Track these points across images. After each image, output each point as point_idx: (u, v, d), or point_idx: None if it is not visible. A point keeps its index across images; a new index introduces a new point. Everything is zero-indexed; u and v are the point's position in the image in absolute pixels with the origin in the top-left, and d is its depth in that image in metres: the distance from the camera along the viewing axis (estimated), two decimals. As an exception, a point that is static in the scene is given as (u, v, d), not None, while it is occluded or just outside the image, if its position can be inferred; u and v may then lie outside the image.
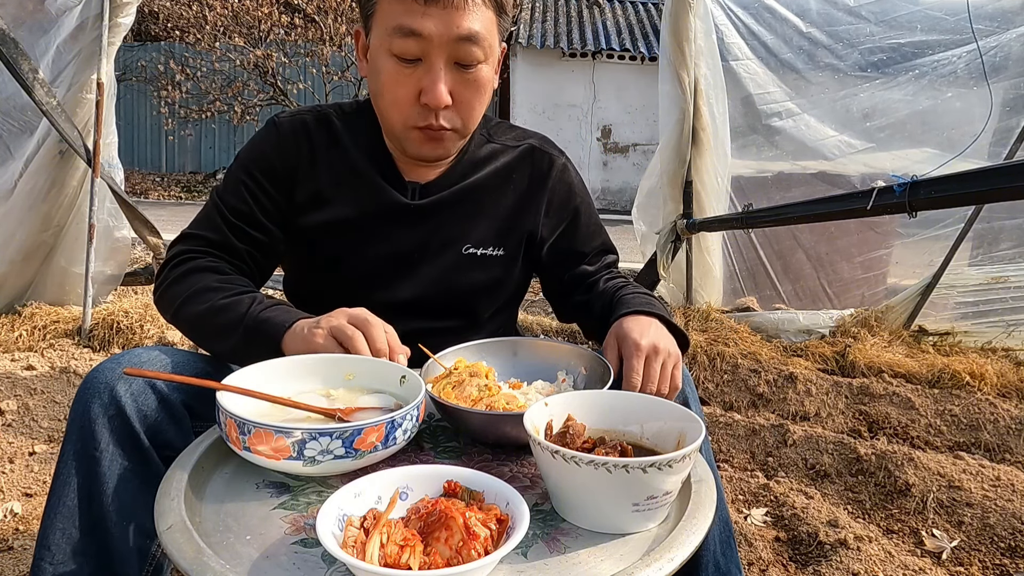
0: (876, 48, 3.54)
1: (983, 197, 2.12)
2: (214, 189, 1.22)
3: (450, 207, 1.20)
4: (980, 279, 3.46)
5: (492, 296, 1.26)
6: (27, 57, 2.83)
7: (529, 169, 1.26)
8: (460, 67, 1.05)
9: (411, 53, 1.03)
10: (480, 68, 1.07)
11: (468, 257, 1.22)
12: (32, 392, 2.51)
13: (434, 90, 1.04)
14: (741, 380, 2.96)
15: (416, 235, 1.19)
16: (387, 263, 1.19)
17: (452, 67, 1.05)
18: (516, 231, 1.26)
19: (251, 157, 1.19)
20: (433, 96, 1.04)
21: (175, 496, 0.73)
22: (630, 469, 0.66)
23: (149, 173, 13.49)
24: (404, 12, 1.01)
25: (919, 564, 1.69)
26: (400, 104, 1.07)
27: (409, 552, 0.60)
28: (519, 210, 1.25)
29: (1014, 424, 2.49)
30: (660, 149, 3.81)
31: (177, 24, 11.74)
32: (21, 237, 3.22)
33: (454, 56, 1.04)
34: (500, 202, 1.24)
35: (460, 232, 1.21)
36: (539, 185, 1.26)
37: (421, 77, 1.04)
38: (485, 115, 1.22)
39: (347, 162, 1.18)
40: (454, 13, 1.01)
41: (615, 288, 1.20)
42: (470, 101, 1.09)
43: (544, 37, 11.95)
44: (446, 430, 0.95)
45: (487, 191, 1.23)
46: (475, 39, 1.03)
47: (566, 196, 1.29)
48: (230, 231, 1.16)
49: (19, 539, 1.72)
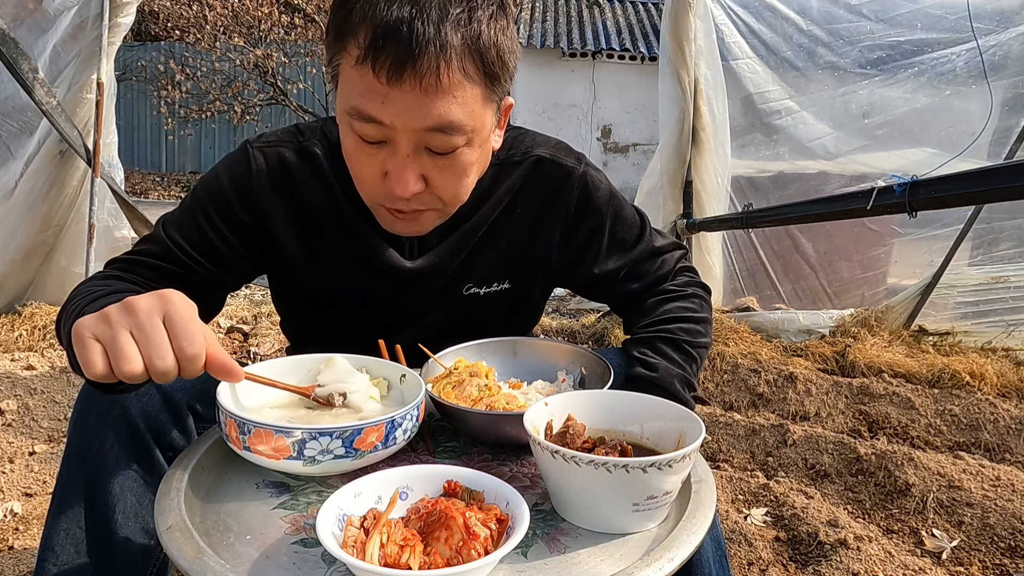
0: (876, 46, 3.54)
1: (983, 197, 2.12)
2: (162, 221, 1.05)
3: (451, 255, 1.08)
4: (980, 279, 3.46)
5: (498, 331, 1.13)
6: (27, 57, 2.83)
7: (539, 187, 1.09)
8: (433, 153, 0.88)
9: (372, 137, 0.87)
10: (459, 153, 0.89)
11: (470, 298, 1.11)
12: (32, 392, 2.51)
13: (399, 179, 0.87)
14: (741, 380, 2.96)
15: (415, 292, 1.09)
16: (384, 320, 1.11)
17: (423, 152, 0.87)
18: (526, 260, 1.12)
19: (213, 198, 1.02)
20: (398, 185, 0.88)
21: (175, 496, 0.73)
22: (630, 469, 0.66)
23: (149, 173, 13.50)
24: (363, 92, 0.83)
25: (919, 564, 1.69)
26: (365, 183, 0.93)
27: (409, 552, 0.60)
28: (528, 236, 1.10)
29: (1014, 424, 2.49)
30: (660, 149, 3.82)
31: (177, 24, 11.74)
32: (21, 237, 3.22)
33: (424, 143, 0.86)
34: (505, 231, 1.09)
35: (461, 275, 1.10)
36: (551, 205, 1.09)
37: (386, 159, 0.88)
38: None
39: (334, 211, 1.03)
40: (422, 99, 0.81)
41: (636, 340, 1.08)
42: (446, 187, 0.92)
43: (544, 37, 11.95)
44: (446, 430, 0.95)
45: (490, 223, 1.08)
46: (450, 128, 0.85)
47: (585, 212, 1.10)
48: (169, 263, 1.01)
49: (19, 539, 1.72)
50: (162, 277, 1.00)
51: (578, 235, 1.12)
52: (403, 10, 0.79)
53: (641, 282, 1.15)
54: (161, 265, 1.00)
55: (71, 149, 3.11)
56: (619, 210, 1.13)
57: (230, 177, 1.02)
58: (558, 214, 1.10)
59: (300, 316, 1.21)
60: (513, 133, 1.12)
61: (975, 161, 2.89)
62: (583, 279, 1.16)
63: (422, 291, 1.09)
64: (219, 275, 1.04)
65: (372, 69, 0.80)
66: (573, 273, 1.15)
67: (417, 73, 0.80)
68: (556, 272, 1.15)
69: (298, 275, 1.08)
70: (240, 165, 1.03)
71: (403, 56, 0.79)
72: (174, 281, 1.00)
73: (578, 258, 1.13)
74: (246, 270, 1.09)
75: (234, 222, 1.03)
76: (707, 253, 3.88)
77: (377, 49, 0.79)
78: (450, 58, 0.81)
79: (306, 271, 1.08)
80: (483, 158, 0.96)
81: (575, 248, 1.12)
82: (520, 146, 1.10)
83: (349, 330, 1.11)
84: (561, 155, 1.11)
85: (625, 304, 1.18)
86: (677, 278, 1.17)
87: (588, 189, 1.10)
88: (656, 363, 1.03)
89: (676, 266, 1.18)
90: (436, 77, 0.80)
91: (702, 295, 1.16)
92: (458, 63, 0.82)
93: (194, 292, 0.98)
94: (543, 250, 1.11)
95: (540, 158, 1.09)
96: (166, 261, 1.01)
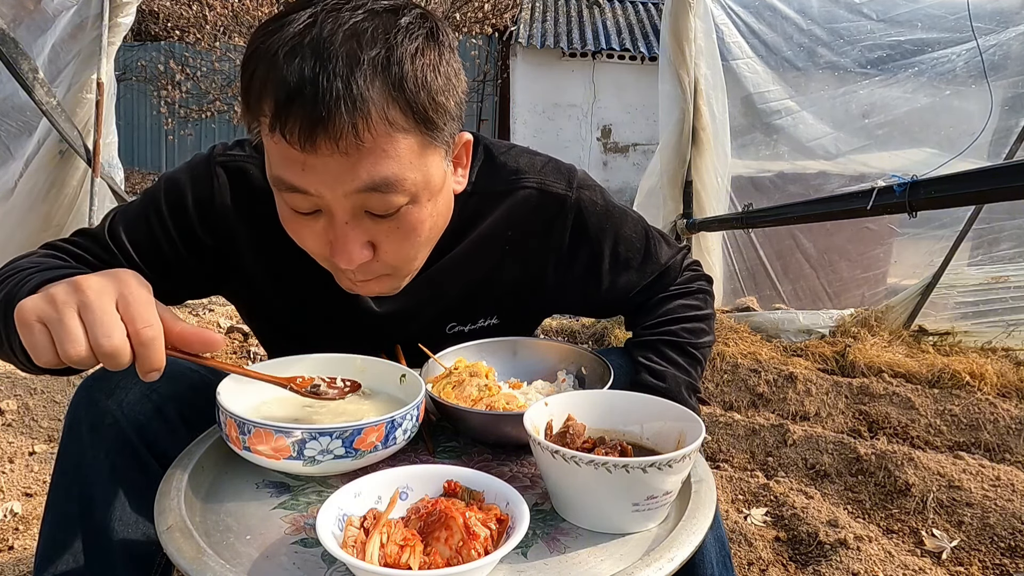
0: (876, 45, 3.54)
1: (983, 197, 2.12)
2: (111, 215, 0.96)
3: (426, 298, 1.00)
4: (980, 279, 3.46)
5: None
6: (27, 57, 2.84)
7: (529, 221, 1.00)
8: (376, 216, 0.78)
9: (304, 208, 0.78)
10: (404, 212, 0.79)
11: (455, 336, 1.05)
12: (32, 392, 2.51)
13: (342, 250, 0.79)
14: (741, 380, 2.96)
15: (388, 334, 1.02)
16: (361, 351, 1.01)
17: (363, 216, 0.78)
18: (516, 296, 1.05)
19: (171, 206, 0.94)
20: (343, 258, 0.79)
21: (175, 496, 0.73)
22: (630, 469, 0.66)
23: (149, 173, 13.48)
24: (281, 162, 0.75)
25: (919, 564, 1.69)
26: (311, 251, 0.84)
27: (409, 552, 0.60)
28: (519, 271, 1.03)
29: (1014, 424, 2.49)
30: (660, 149, 3.82)
31: (177, 24, 11.74)
32: (21, 237, 3.22)
33: (361, 206, 0.77)
34: (490, 267, 1.02)
35: (440, 313, 1.03)
36: (543, 238, 1.01)
37: (325, 228, 0.79)
38: (477, 139, 0.98)
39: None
40: (344, 162, 0.72)
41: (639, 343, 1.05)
42: (398, 251, 0.82)
43: (544, 37, 11.94)
44: (446, 430, 0.95)
45: (472, 259, 1.00)
46: (385, 187, 0.75)
47: (579, 239, 1.02)
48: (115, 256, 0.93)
49: (19, 539, 1.72)
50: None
51: (576, 264, 1.04)
52: (305, 66, 0.70)
53: (649, 293, 1.11)
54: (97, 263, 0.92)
55: (71, 149, 3.11)
56: (619, 229, 1.05)
57: (191, 190, 0.95)
58: (551, 246, 1.02)
59: (274, 341, 1.16)
60: (494, 155, 1.01)
61: (975, 161, 2.89)
62: (587, 303, 1.11)
63: (396, 332, 1.03)
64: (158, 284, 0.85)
65: (284, 137, 0.72)
66: (575, 299, 1.10)
67: (331, 136, 0.70)
68: (551, 303, 1.10)
69: (266, 304, 1.03)
70: (202, 180, 0.95)
71: (312, 119, 0.70)
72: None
73: (578, 286, 1.07)
74: (194, 285, 1.01)
75: (191, 238, 0.96)
76: (707, 253, 3.89)
77: (284, 115, 0.71)
78: (367, 112, 0.71)
79: (275, 300, 1.02)
80: (439, 211, 0.85)
81: (574, 278, 1.05)
82: (503, 173, 1.00)
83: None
84: (550, 180, 1.00)
85: (632, 310, 1.16)
86: (683, 274, 1.14)
87: (583, 216, 1.02)
88: (664, 371, 1.02)
89: (682, 267, 1.14)
90: (355, 136, 0.71)
91: (706, 288, 1.15)
92: (379, 115, 0.72)
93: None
94: (535, 284, 1.04)
95: (527, 191, 0.99)
96: (102, 262, 0.92)
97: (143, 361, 0.66)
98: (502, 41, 11.99)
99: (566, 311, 1.16)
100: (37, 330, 0.64)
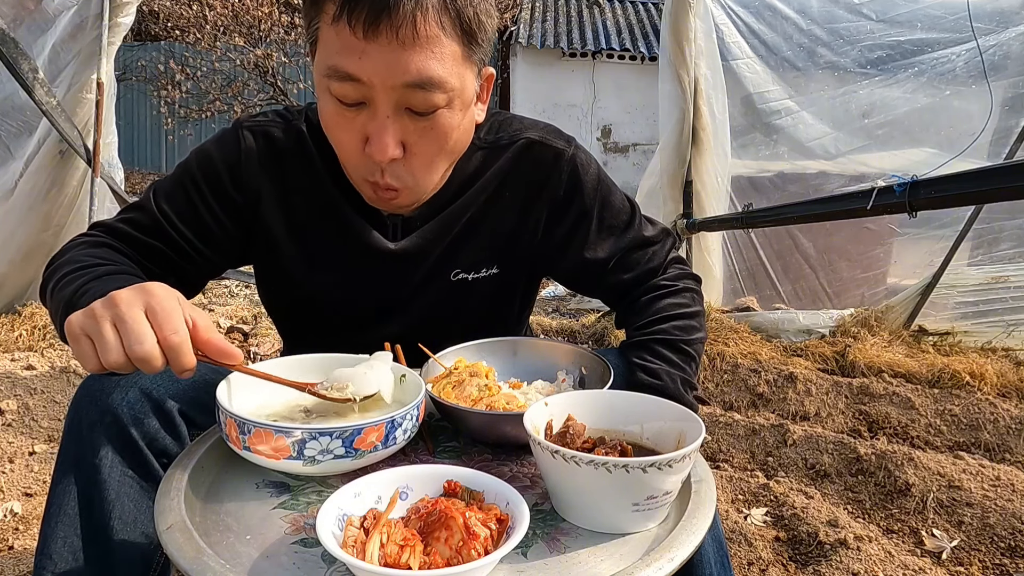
0: (876, 46, 3.54)
1: (983, 197, 2.12)
2: (152, 189, 1.04)
3: (436, 238, 1.07)
4: (980, 279, 3.46)
5: (488, 318, 1.14)
6: (27, 57, 2.84)
7: (527, 169, 1.08)
8: (414, 114, 0.87)
9: (351, 98, 0.86)
10: (440, 115, 0.88)
11: (458, 284, 1.10)
12: (32, 392, 2.51)
13: (379, 142, 0.87)
14: (741, 380, 2.96)
15: (400, 276, 1.08)
16: (370, 305, 1.10)
17: (403, 112, 0.87)
18: (514, 246, 1.11)
19: (204, 172, 1.03)
20: (378, 148, 0.87)
21: (175, 496, 0.73)
22: (630, 469, 0.66)
23: (149, 173, 13.48)
24: (340, 50, 0.83)
25: (919, 564, 1.69)
26: (345, 150, 0.93)
27: (409, 552, 0.60)
28: (517, 221, 1.09)
29: (1014, 424, 2.49)
30: (660, 149, 3.82)
31: (177, 24, 11.73)
32: (21, 237, 3.22)
33: (404, 102, 0.86)
34: (493, 216, 1.08)
35: (447, 259, 1.09)
36: (540, 188, 1.08)
37: (366, 123, 0.88)
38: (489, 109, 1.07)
39: (321, 193, 1.03)
40: (400, 53, 0.82)
41: (633, 344, 1.06)
42: (426, 153, 0.91)
43: (544, 37, 11.94)
44: (446, 430, 0.95)
45: (477, 207, 1.07)
46: (429, 84, 0.84)
47: (574, 194, 1.09)
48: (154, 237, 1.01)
49: (19, 539, 1.72)
50: (142, 254, 1.00)
51: (566, 219, 1.10)
52: None
53: (631, 273, 1.13)
54: (144, 240, 1.00)
55: (71, 149, 3.11)
56: (608, 195, 1.12)
57: (221, 155, 1.03)
58: (547, 196, 1.09)
59: (288, 309, 1.19)
60: (501, 116, 1.11)
61: (975, 161, 2.89)
62: (571, 266, 1.13)
63: (406, 274, 1.08)
64: (203, 253, 1.04)
65: (348, 24, 0.81)
66: (561, 259, 1.13)
67: (393, 24, 0.80)
68: (544, 258, 1.13)
69: (283, 258, 1.08)
70: (230, 144, 1.03)
71: (378, 8, 0.80)
72: (153, 258, 1.01)
73: (566, 243, 1.11)
74: (231, 250, 1.08)
75: (225, 199, 1.03)
76: (707, 253, 3.88)
77: (352, 3, 0.81)
78: (426, 9, 0.81)
79: (291, 251, 1.07)
80: (465, 126, 0.94)
81: (563, 233, 1.11)
82: (508, 129, 1.09)
83: (339, 324, 1.11)
84: (551, 137, 1.10)
85: (616, 296, 1.16)
86: (668, 271, 1.16)
87: (578, 171, 1.09)
88: (658, 369, 1.02)
89: (667, 259, 1.16)
90: (412, 28, 0.81)
91: (693, 287, 1.16)
92: (435, 15, 0.82)
93: (174, 272, 1.02)
94: (531, 235, 1.10)
95: (530, 141, 1.08)
96: (151, 235, 1.01)
97: (173, 363, 0.72)
98: (502, 41, 11.98)
99: (554, 273, 1.18)
100: (83, 342, 0.72)
